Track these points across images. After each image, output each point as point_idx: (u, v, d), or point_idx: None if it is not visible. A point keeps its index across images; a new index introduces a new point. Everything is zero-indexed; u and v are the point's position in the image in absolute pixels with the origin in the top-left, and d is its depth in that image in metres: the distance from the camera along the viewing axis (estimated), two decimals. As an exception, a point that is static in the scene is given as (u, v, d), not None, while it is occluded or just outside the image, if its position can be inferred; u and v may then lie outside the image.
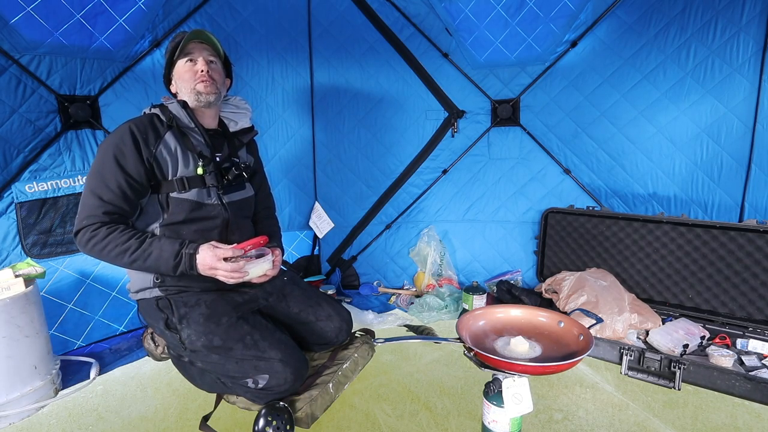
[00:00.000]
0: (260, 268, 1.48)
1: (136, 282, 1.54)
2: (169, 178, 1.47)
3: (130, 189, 1.40)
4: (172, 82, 1.59)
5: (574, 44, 2.38)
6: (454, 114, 2.65)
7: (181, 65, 1.52)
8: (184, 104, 1.51)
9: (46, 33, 1.79)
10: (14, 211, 1.88)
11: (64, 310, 2.00)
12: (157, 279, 1.49)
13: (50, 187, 1.95)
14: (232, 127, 1.67)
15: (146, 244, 1.38)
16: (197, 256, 1.39)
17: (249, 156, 1.77)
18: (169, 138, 1.48)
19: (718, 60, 2.11)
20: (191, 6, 2.22)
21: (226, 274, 1.39)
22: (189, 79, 1.50)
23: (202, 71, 1.50)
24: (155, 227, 1.48)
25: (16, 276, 1.63)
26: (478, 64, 2.55)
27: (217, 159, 1.56)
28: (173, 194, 1.47)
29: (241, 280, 1.44)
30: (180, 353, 1.54)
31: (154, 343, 1.84)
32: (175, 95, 1.60)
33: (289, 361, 1.42)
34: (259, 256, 1.50)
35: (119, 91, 2.11)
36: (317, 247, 2.90)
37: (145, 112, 1.54)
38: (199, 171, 1.49)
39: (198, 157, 1.51)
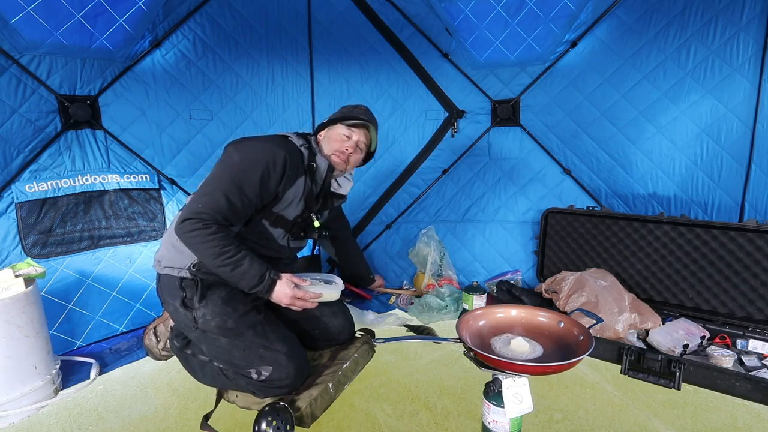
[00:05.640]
0: (329, 295, 1.59)
1: (172, 258, 1.55)
2: (273, 210, 1.55)
3: (254, 207, 1.49)
4: (323, 131, 1.68)
5: (574, 44, 2.38)
6: (454, 114, 2.65)
7: (337, 129, 1.63)
8: (330, 168, 1.60)
9: (46, 33, 1.79)
10: (14, 211, 1.88)
11: (64, 310, 1.99)
12: (193, 267, 1.51)
13: (50, 187, 1.95)
14: (333, 188, 1.72)
15: (241, 255, 1.42)
16: (278, 282, 1.47)
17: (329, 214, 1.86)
18: (300, 183, 1.55)
19: (718, 60, 2.11)
20: (191, 6, 2.22)
21: (301, 304, 1.50)
22: (332, 145, 1.63)
23: (345, 150, 1.62)
24: None
25: (16, 276, 1.63)
26: (478, 64, 2.55)
27: (319, 217, 1.69)
28: (264, 221, 1.55)
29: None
30: (188, 333, 1.57)
31: (156, 338, 1.84)
32: (317, 133, 1.71)
33: (293, 356, 1.49)
34: (327, 282, 1.64)
35: (119, 91, 2.11)
36: (317, 247, 2.89)
37: (296, 143, 1.58)
38: (315, 224, 1.63)
39: (306, 209, 1.60)
